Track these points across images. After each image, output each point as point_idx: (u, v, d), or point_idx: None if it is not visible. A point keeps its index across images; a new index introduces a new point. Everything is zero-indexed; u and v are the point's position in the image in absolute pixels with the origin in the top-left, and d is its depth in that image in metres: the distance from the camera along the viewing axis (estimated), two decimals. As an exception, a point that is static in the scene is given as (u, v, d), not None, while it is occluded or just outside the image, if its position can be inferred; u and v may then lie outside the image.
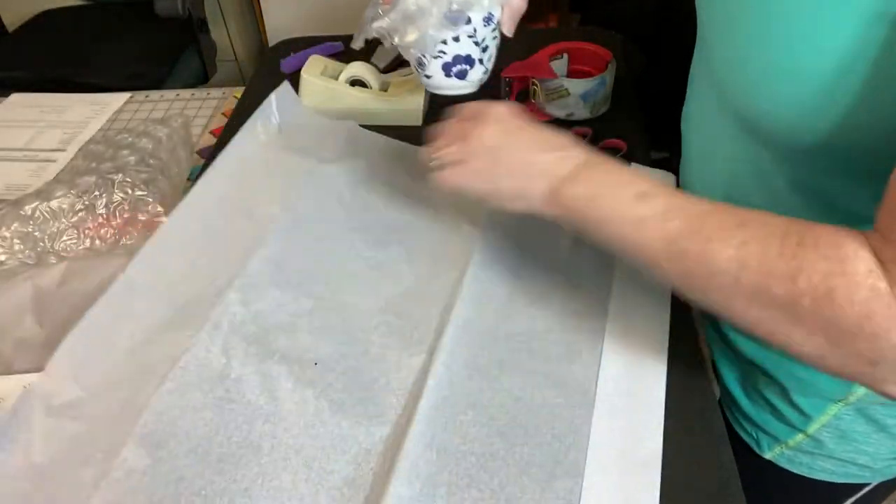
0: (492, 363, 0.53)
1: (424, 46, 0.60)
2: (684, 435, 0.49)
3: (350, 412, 0.50)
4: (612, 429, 0.49)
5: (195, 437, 0.48)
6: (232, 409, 0.49)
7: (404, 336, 0.56)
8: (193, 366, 0.51)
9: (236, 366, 0.52)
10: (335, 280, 0.60)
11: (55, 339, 0.59)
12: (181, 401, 0.49)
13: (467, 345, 0.54)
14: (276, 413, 0.50)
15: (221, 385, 0.51)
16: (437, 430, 0.49)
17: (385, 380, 0.52)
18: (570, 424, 0.49)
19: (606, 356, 0.53)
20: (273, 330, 0.55)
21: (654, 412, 0.49)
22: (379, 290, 0.59)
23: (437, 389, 0.51)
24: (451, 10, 0.58)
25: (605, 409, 0.50)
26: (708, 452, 0.49)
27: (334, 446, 0.48)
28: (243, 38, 2.03)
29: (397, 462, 0.46)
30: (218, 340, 0.53)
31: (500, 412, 0.50)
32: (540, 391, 0.51)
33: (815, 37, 0.38)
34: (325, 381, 0.52)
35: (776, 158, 0.47)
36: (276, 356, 0.53)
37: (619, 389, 0.51)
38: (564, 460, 0.47)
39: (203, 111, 0.95)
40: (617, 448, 0.48)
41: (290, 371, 0.52)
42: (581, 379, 0.52)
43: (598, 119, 0.80)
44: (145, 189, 0.71)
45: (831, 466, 0.58)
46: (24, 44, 1.71)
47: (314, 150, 0.72)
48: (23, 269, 0.66)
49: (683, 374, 0.53)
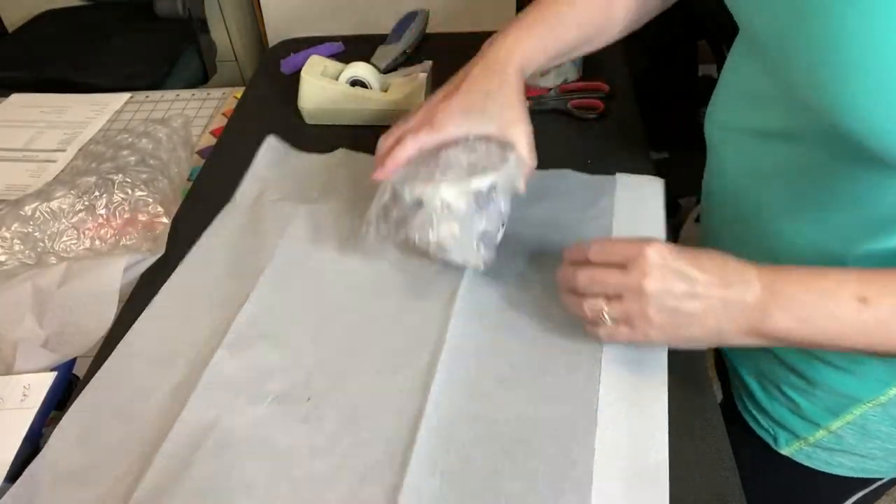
0: (491, 379, 0.52)
1: (463, 243, 0.55)
2: (684, 435, 0.49)
3: (345, 441, 0.49)
4: (617, 439, 0.48)
5: (188, 493, 0.47)
6: (221, 459, 0.49)
7: (399, 359, 0.54)
8: (186, 429, 0.50)
9: (227, 416, 0.51)
10: (325, 314, 0.59)
11: (55, 340, 0.60)
12: (173, 463, 0.48)
13: (465, 363, 0.54)
14: (270, 454, 0.49)
15: (212, 437, 0.50)
16: (439, 455, 0.48)
17: (382, 404, 0.51)
18: (575, 437, 0.48)
19: (606, 365, 0.53)
20: (264, 373, 0.54)
21: (658, 420, 0.49)
22: (371, 314, 0.58)
23: (436, 412, 0.50)
24: (480, 193, 0.53)
25: (609, 419, 0.49)
26: (708, 453, 0.49)
27: (329, 478, 0.47)
28: (243, 38, 2.02)
29: (399, 490, 0.45)
30: (208, 398, 0.52)
31: (503, 429, 0.49)
32: (542, 405, 0.51)
33: None
34: (318, 415, 0.51)
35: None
36: (268, 399, 0.52)
37: (622, 398, 0.50)
38: (571, 474, 0.46)
39: (203, 111, 0.95)
40: (623, 459, 0.47)
41: (283, 410, 0.51)
42: (582, 389, 0.51)
43: (598, 119, 0.80)
44: (145, 189, 0.71)
45: (849, 462, 0.58)
46: (24, 44, 1.71)
47: (301, 193, 0.72)
48: (23, 269, 0.65)
49: (684, 375, 0.52)
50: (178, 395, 0.53)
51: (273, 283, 0.62)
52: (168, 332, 0.59)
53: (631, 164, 0.72)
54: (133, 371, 0.56)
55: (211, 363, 0.55)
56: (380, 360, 0.55)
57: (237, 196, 0.73)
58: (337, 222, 0.67)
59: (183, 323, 0.59)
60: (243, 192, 0.73)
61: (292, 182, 0.74)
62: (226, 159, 0.80)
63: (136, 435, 0.51)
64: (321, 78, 0.82)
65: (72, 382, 0.59)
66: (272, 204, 0.71)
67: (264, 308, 0.59)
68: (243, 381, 0.54)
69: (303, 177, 0.75)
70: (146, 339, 0.58)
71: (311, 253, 0.65)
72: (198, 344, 0.57)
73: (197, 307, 0.61)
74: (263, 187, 0.74)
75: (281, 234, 0.66)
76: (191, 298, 0.62)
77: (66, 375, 0.58)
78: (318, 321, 0.58)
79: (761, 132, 0.51)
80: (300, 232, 0.66)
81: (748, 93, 0.53)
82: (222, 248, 0.66)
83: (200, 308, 0.60)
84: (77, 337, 0.60)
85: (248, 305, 0.59)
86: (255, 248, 0.66)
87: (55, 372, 0.57)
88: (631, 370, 0.52)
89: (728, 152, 0.57)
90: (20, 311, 0.61)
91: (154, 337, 0.58)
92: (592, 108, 0.80)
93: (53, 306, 0.61)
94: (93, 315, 0.61)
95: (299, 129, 0.85)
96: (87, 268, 0.63)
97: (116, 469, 0.49)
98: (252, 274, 0.62)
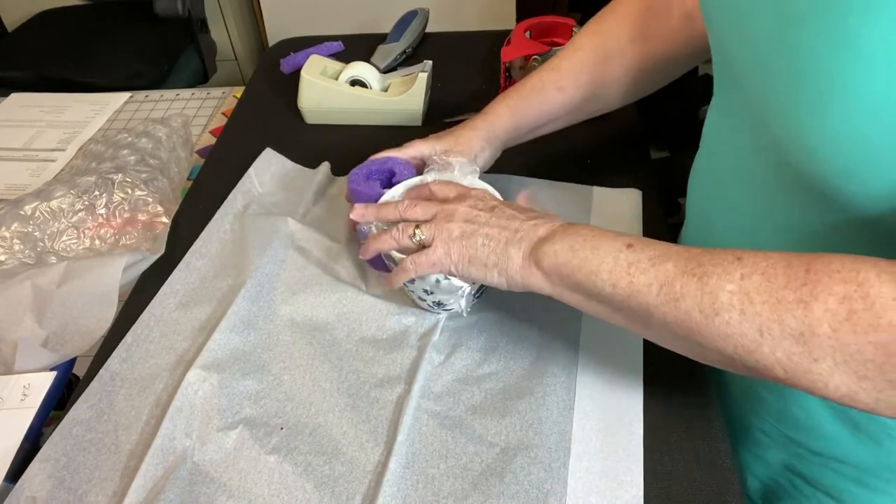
0: (463, 408, 0.52)
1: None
2: (685, 435, 0.49)
3: (316, 473, 0.48)
4: (591, 471, 0.47)
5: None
6: (193, 492, 0.48)
7: (373, 389, 0.53)
8: (159, 457, 0.50)
9: (198, 446, 0.50)
10: (301, 339, 0.58)
11: (55, 339, 0.60)
12: (147, 496, 0.48)
13: (437, 392, 0.53)
14: (240, 487, 0.48)
15: (184, 467, 0.49)
16: (409, 490, 0.47)
17: (354, 435, 0.50)
18: (548, 469, 0.47)
19: (581, 390, 0.52)
20: (239, 399, 0.53)
21: (633, 451, 0.48)
22: (344, 342, 0.57)
23: (408, 444, 0.49)
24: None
25: (583, 449, 0.48)
26: (708, 452, 0.49)
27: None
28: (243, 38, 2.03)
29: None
30: (181, 424, 0.51)
31: (474, 461, 0.48)
32: (515, 433, 0.50)
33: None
34: (290, 446, 0.50)
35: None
36: (240, 427, 0.51)
37: (596, 427, 0.50)
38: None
39: (203, 111, 0.95)
40: (597, 493, 0.46)
41: (254, 438, 0.51)
42: (556, 417, 0.50)
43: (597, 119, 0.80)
44: (145, 189, 0.71)
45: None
46: (24, 44, 1.71)
47: (285, 208, 0.71)
48: (22, 268, 0.65)
49: (682, 375, 0.52)
50: (152, 421, 0.52)
51: (250, 302, 0.60)
52: (152, 358, 0.57)
53: (631, 164, 0.72)
54: (116, 398, 0.55)
55: (184, 384, 0.53)
56: (356, 388, 0.54)
57: (221, 211, 0.70)
58: (318, 241, 0.66)
59: (168, 349, 0.58)
60: (228, 208, 0.71)
61: (278, 195, 0.73)
62: (225, 159, 0.80)
63: (115, 466, 0.50)
64: (321, 77, 0.82)
65: (72, 382, 0.59)
66: (254, 218, 0.68)
67: (240, 328, 0.58)
68: (215, 406, 0.53)
69: (289, 190, 0.73)
70: (129, 365, 0.57)
71: (290, 275, 0.63)
72: (173, 365, 0.56)
73: (181, 332, 0.59)
74: (248, 202, 0.72)
75: (261, 252, 0.64)
76: (175, 323, 0.60)
77: (65, 375, 0.58)
78: (294, 347, 0.57)
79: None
80: (280, 252, 0.64)
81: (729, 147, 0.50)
82: (207, 269, 0.65)
83: (185, 332, 0.59)
84: (77, 336, 0.60)
85: (224, 323, 0.58)
86: (236, 266, 0.64)
87: (55, 371, 0.57)
88: (606, 397, 0.52)
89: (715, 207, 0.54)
90: (20, 311, 0.61)
91: (137, 363, 0.57)
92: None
93: (53, 306, 0.61)
94: (92, 315, 0.61)
95: (299, 128, 0.85)
96: (87, 267, 0.63)
97: (95, 501, 0.48)
98: (230, 292, 0.61)
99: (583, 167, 0.72)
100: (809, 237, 0.42)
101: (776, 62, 0.37)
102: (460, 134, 0.61)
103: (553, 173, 0.71)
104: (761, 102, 0.40)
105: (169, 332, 0.59)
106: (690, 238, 0.60)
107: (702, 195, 0.56)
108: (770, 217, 0.45)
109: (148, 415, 0.53)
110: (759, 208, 0.46)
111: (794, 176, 0.40)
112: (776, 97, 0.38)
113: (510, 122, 0.63)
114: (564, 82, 0.61)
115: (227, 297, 0.61)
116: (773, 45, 0.37)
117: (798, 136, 0.36)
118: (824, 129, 0.35)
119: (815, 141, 0.35)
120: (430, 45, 0.99)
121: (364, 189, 0.59)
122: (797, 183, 0.40)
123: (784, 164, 0.40)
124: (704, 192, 0.55)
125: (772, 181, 0.44)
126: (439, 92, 0.87)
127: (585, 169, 0.72)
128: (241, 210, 0.71)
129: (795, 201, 0.42)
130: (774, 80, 0.38)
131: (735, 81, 0.45)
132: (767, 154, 0.43)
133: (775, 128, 0.39)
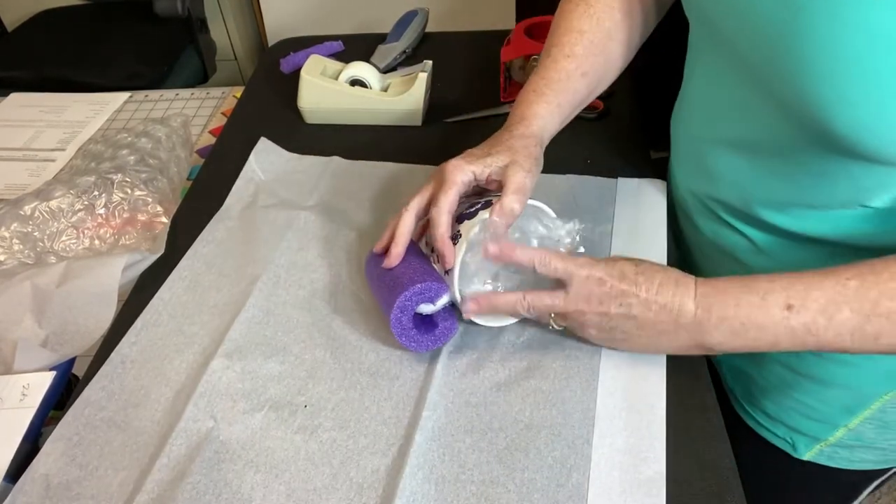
0: (489, 385, 0.52)
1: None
2: (684, 435, 0.49)
3: (341, 448, 0.49)
4: (614, 448, 0.48)
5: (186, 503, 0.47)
6: (220, 469, 0.49)
7: (396, 366, 0.54)
8: (183, 438, 0.50)
9: (224, 426, 0.51)
10: (320, 321, 0.58)
11: (54, 339, 0.60)
12: (172, 475, 0.48)
13: (462, 369, 0.54)
14: (267, 463, 0.49)
15: (210, 447, 0.50)
16: (435, 461, 0.48)
17: (377, 411, 0.51)
18: (571, 445, 0.48)
19: (604, 371, 0.52)
20: (262, 382, 0.54)
21: (656, 429, 0.49)
22: (366, 324, 0.58)
23: (433, 418, 0.50)
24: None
25: (606, 427, 0.49)
26: (708, 452, 0.49)
27: (325, 486, 0.47)
28: (243, 37, 2.03)
29: (394, 498, 0.45)
30: (205, 406, 0.52)
31: (499, 436, 0.49)
32: (539, 411, 0.50)
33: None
34: (314, 423, 0.51)
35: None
36: (266, 407, 0.52)
37: (620, 406, 0.50)
38: (567, 483, 0.46)
39: (202, 111, 0.95)
40: (620, 468, 0.47)
41: (280, 419, 0.52)
42: (580, 396, 0.51)
43: (598, 118, 0.80)
44: (145, 189, 0.71)
45: (871, 456, 0.58)
46: (24, 44, 1.71)
47: (296, 199, 0.72)
48: (22, 268, 0.65)
49: (683, 374, 0.52)
50: (175, 405, 0.53)
51: (268, 291, 0.61)
52: (162, 340, 0.58)
53: (631, 164, 0.72)
54: (127, 380, 0.56)
55: (207, 372, 0.55)
56: (376, 367, 0.55)
57: (229, 201, 0.72)
58: (334, 230, 0.67)
59: (177, 332, 0.59)
60: (236, 198, 0.72)
61: (286, 186, 0.74)
62: (225, 159, 0.79)
63: (132, 446, 0.51)
64: (321, 77, 0.82)
65: (71, 382, 0.59)
66: (265, 210, 0.70)
67: (260, 317, 0.59)
68: (239, 390, 0.54)
69: (297, 181, 0.75)
70: (139, 348, 0.58)
71: (306, 261, 0.64)
72: (194, 353, 0.57)
73: (191, 316, 0.60)
74: (256, 191, 0.73)
75: (276, 242, 0.66)
76: (184, 307, 0.61)
77: (65, 375, 0.58)
78: (314, 329, 0.58)
79: (738, 142, 0.51)
80: (295, 242, 0.66)
81: (726, 105, 0.52)
82: (215, 256, 0.66)
83: (195, 317, 0.60)
84: (76, 336, 0.60)
85: (243, 314, 0.59)
86: (249, 255, 0.65)
87: (54, 371, 0.57)
88: (629, 377, 0.52)
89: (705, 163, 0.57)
90: (19, 311, 0.60)
91: (147, 346, 0.58)
92: (592, 107, 0.80)
93: (53, 306, 0.61)
94: (92, 315, 0.61)
95: (299, 128, 0.85)
96: (87, 267, 0.63)
97: (112, 480, 0.49)
98: (247, 282, 0.62)
99: (583, 167, 0.72)
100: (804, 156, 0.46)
101: (775, 30, 0.41)
102: (511, 146, 0.56)
103: (553, 173, 0.71)
104: (758, 64, 0.44)
105: (178, 315, 0.60)
106: (680, 167, 0.62)
107: (691, 125, 0.58)
108: (769, 141, 0.49)
109: (162, 396, 0.54)
110: (753, 135, 0.50)
111: (797, 118, 0.43)
112: (778, 62, 0.42)
113: (556, 120, 0.60)
114: (587, 67, 0.60)
115: (243, 289, 0.62)
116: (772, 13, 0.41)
117: (807, 98, 0.41)
118: (838, 96, 0.39)
119: (827, 103, 0.40)
120: (430, 45, 0.99)
121: (413, 329, 0.54)
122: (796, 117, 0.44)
123: (783, 104, 0.44)
124: (694, 122, 0.58)
125: (770, 112, 0.47)
126: (439, 92, 0.87)
127: (586, 169, 0.72)
128: (250, 200, 0.72)
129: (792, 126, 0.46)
130: (774, 46, 0.42)
131: (720, 44, 0.48)
132: (762, 92, 0.46)
133: (777, 87, 0.44)
